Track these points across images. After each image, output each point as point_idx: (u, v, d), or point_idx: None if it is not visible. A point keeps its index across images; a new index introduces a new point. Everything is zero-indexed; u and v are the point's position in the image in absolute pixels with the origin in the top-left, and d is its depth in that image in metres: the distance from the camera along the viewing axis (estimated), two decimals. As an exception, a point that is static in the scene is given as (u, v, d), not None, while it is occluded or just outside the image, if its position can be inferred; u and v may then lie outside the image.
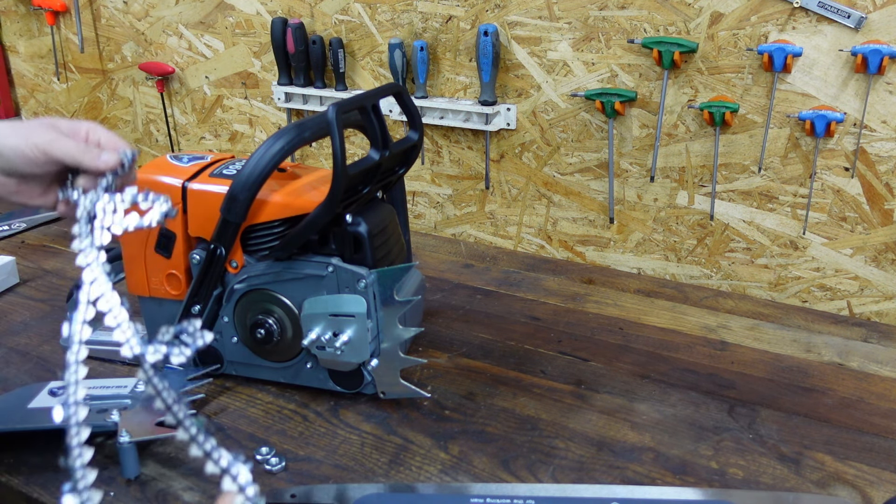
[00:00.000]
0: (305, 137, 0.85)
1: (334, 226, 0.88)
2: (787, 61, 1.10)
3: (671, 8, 1.17)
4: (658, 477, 0.81)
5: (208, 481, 0.80)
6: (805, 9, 1.08)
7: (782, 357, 1.05)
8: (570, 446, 0.86)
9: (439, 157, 1.45)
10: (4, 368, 1.02)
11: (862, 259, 1.16)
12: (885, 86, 1.07)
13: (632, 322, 1.14)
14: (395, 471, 0.82)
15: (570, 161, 1.33)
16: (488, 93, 1.32)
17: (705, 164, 1.22)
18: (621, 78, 1.24)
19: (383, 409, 0.92)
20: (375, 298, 0.87)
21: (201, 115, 1.69)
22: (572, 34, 1.25)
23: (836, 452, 0.85)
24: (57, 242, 1.43)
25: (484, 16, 1.31)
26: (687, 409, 0.93)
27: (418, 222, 1.51)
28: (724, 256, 1.26)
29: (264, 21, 1.52)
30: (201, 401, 0.93)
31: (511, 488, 0.78)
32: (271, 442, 0.86)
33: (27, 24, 1.88)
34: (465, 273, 1.31)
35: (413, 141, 0.97)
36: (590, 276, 1.31)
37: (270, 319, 0.91)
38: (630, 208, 1.31)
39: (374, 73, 1.46)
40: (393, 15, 1.39)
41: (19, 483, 0.80)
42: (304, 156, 1.60)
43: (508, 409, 0.93)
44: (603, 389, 0.97)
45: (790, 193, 1.18)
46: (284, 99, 1.52)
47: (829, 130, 1.10)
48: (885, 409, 0.93)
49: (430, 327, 1.10)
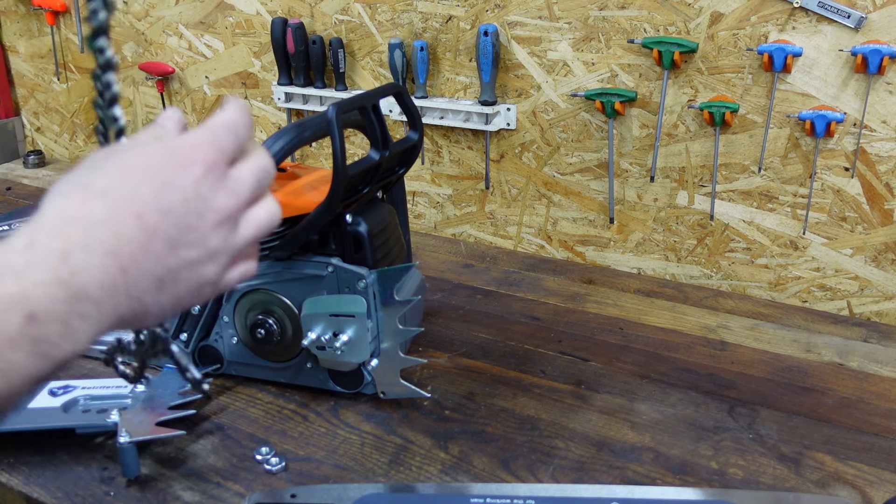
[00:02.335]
0: (305, 137, 0.85)
1: (334, 226, 0.88)
2: (787, 61, 1.10)
3: (671, 8, 1.17)
4: (658, 477, 0.81)
5: (208, 481, 0.80)
6: (805, 9, 1.08)
7: (782, 357, 1.05)
8: (570, 446, 0.86)
9: (439, 157, 1.45)
10: (4, 368, 1.01)
11: (862, 259, 1.16)
12: (885, 86, 1.07)
13: (632, 322, 1.14)
14: (395, 471, 0.82)
15: (570, 161, 1.33)
16: (488, 93, 1.32)
17: (705, 164, 1.22)
18: (621, 78, 1.24)
19: (383, 409, 0.92)
20: (375, 298, 0.87)
21: (201, 116, 1.69)
22: (572, 34, 1.25)
23: (836, 452, 0.85)
24: (57, 242, 1.43)
25: (484, 16, 1.31)
26: (687, 409, 0.93)
27: (418, 222, 1.51)
28: (724, 256, 1.26)
29: (264, 21, 1.52)
30: (201, 401, 0.93)
31: (511, 488, 0.78)
32: (271, 442, 0.86)
33: (27, 24, 1.88)
34: (465, 273, 1.31)
35: (413, 141, 0.97)
36: (590, 276, 1.31)
37: (270, 319, 0.91)
38: (630, 208, 1.31)
39: (374, 73, 1.46)
40: (393, 15, 1.39)
41: (19, 483, 0.80)
42: (304, 156, 1.60)
43: (508, 409, 0.93)
44: (603, 389, 0.97)
45: (790, 193, 1.18)
46: (284, 99, 1.52)
47: (829, 130, 1.10)
48: (885, 409, 0.93)
49: (430, 327, 1.10)
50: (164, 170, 0.45)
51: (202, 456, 0.84)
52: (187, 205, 0.45)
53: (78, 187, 0.44)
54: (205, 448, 0.85)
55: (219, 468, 0.82)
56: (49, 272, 0.40)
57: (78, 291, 0.41)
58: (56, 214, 0.42)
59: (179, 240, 0.45)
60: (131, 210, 0.43)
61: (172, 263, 0.45)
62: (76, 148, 1.94)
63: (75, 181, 0.44)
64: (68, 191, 0.44)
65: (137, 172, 0.44)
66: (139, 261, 0.43)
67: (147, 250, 0.43)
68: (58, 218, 0.42)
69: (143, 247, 0.43)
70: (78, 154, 1.94)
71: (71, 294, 0.40)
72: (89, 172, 0.45)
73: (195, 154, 0.46)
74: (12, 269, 0.39)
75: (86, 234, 0.41)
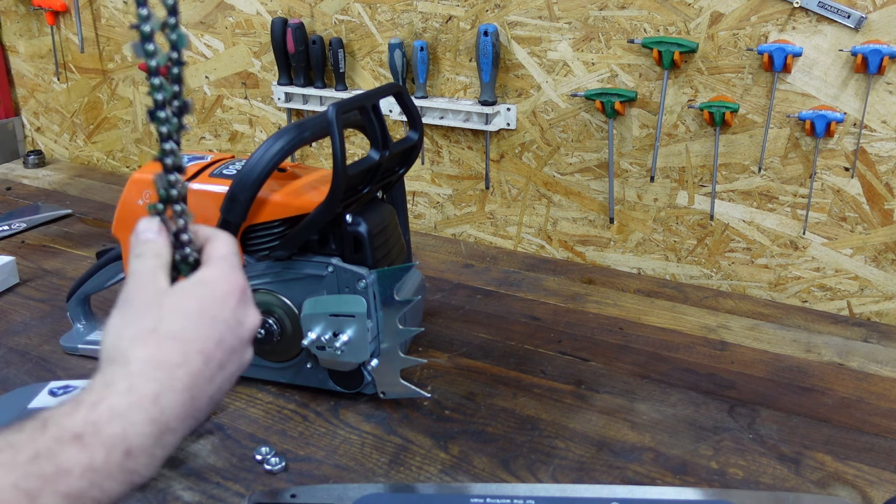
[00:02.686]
0: (305, 137, 0.85)
1: (334, 226, 0.88)
2: (787, 61, 1.09)
3: (671, 8, 1.17)
4: (658, 477, 0.81)
5: (208, 481, 0.80)
6: (805, 9, 1.08)
7: (782, 357, 1.05)
8: (570, 446, 0.86)
9: (439, 157, 1.45)
10: (4, 368, 1.02)
11: (862, 259, 1.16)
12: (885, 86, 1.07)
13: (632, 322, 1.14)
14: (395, 471, 0.82)
15: (570, 161, 1.33)
16: (488, 93, 1.32)
17: (705, 164, 1.22)
18: (621, 78, 1.24)
19: (383, 409, 0.92)
20: (375, 298, 0.87)
21: (201, 116, 1.69)
22: (572, 34, 1.25)
23: (836, 452, 0.85)
24: (57, 242, 1.43)
25: (484, 16, 1.31)
26: (687, 409, 0.93)
27: (418, 222, 1.51)
28: (724, 256, 1.26)
29: (264, 21, 1.52)
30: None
31: (511, 488, 0.78)
32: (271, 442, 0.87)
33: (27, 24, 1.88)
34: (465, 273, 1.31)
35: (413, 141, 0.97)
36: (590, 276, 1.31)
37: (270, 319, 0.91)
38: (630, 208, 1.31)
39: (374, 73, 1.46)
40: (393, 15, 1.39)
41: (19, 483, 0.80)
42: (304, 156, 1.60)
43: (508, 409, 0.93)
44: (603, 389, 0.97)
45: (790, 193, 1.18)
46: (284, 99, 1.52)
47: (829, 130, 1.10)
48: (885, 409, 0.93)
49: (430, 327, 1.10)
50: (212, 307, 0.53)
51: (202, 456, 0.84)
52: (231, 331, 0.53)
53: (147, 332, 0.50)
54: (205, 448, 0.85)
55: (219, 468, 0.82)
56: (144, 413, 0.47)
57: (164, 427, 0.48)
58: (141, 360, 0.49)
59: (226, 361, 0.53)
60: (197, 349, 0.51)
61: (220, 380, 0.53)
62: (76, 148, 1.94)
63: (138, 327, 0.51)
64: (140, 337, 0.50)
65: (194, 314, 0.52)
66: (203, 388, 0.51)
67: (208, 378, 0.52)
68: (145, 364, 0.49)
69: (205, 377, 0.51)
70: (78, 154, 1.94)
71: (159, 430, 0.48)
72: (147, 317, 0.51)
73: (227, 287, 0.54)
74: (119, 413, 0.46)
75: (170, 377, 0.49)
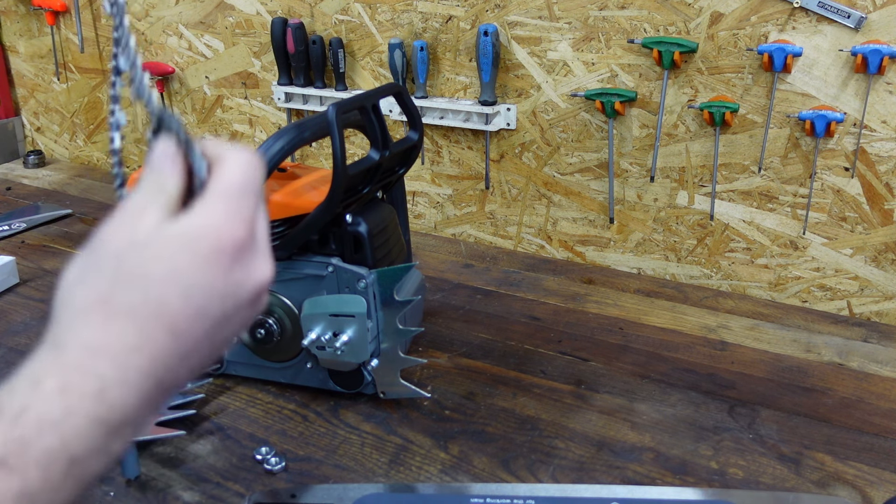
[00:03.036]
0: (305, 137, 0.85)
1: (334, 226, 0.88)
2: (787, 61, 1.09)
3: (671, 8, 1.17)
4: (658, 477, 0.81)
5: (208, 481, 0.80)
6: (805, 9, 1.08)
7: (782, 357, 1.05)
8: (570, 446, 0.86)
9: (439, 157, 1.45)
10: (4, 368, 1.02)
11: (862, 259, 1.16)
12: (885, 86, 1.07)
13: (632, 322, 1.14)
14: (395, 471, 0.82)
15: (570, 161, 1.33)
16: (488, 93, 1.32)
17: (705, 164, 1.22)
18: (621, 78, 1.24)
19: (383, 409, 0.92)
20: (375, 298, 0.87)
21: (201, 115, 1.69)
22: (572, 34, 1.25)
23: (836, 452, 0.85)
24: (57, 242, 1.43)
25: (484, 16, 1.31)
26: (687, 409, 0.93)
27: (418, 222, 1.51)
28: (724, 256, 1.26)
29: (264, 21, 1.52)
30: (201, 401, 0.93)
31: (511, 488, 0.78)
32: (271, 442, 0.87)
33: (27, 24, 1.88)
34: (465, 273, 1.31)
35: (413, 141, 0.97)
36: (590, 276, 1.31)
37: (270, 319, 0.91)
38: (630, 208, 1.31)
39: (374, 73, 1.46)
40: (393, 15, 1.39)
41: (19, 483, 0.80)
42: (304, 156, 1.60)
43: (508, 409, 0.93)
44: (603, 389, 0.97)
45: (790, 193, 1.18)
46: (284, 99, 1.52)
47: (829, 130, 1.10)
48: (885, 409, 0.93)
49: (430, 327, 1.10)
50: (188, 272, 0.40)
51: (202, 456, 0.84)
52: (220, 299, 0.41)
53: (96, 303, 0.39)
54: (205, 448, 0.85)
55: (219, 468, 0.82)
56: (87, 417, 0.37)
57: (117, 424, 0.38)
58: (81, 345, 0.38)
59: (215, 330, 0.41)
60: (164, 325, 0.39)
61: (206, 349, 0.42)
62: (76, 148, 1.94)
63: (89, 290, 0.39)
64: (86, 307, 0.39)
65: (160, 282, 0.39)
66: (177, 368, 0.40)
67: (186, 355, 0.40)
68: (85, 351, 0.38)
69: (180, 355, 0.40)
70: (78, 154, 1.94)
71: (110, 429, 0.38)
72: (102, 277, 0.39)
73: (216, 242, 0.40)
74: (51, 422, 0.37)
75: (120, 367, 0.38)
